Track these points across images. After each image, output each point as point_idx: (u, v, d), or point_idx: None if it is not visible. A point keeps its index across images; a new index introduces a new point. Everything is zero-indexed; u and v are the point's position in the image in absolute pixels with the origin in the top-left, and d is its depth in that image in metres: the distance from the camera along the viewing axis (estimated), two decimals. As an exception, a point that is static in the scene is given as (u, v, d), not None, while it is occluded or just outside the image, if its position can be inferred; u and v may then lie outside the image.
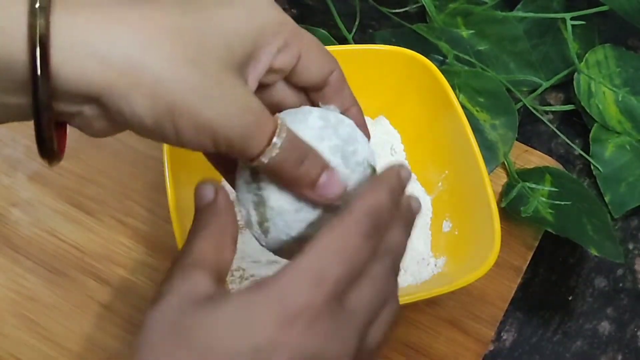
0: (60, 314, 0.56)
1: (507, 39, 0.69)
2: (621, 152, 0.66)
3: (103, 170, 0.61)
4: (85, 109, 0.36)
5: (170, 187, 0.52)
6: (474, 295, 0.58)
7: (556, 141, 0.68)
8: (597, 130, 0.67)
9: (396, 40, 0.69)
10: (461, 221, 0.56)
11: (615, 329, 0.60)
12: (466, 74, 0.65)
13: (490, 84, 0.65)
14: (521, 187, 0.61)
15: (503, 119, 0.64)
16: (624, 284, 0.62)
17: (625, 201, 0.64)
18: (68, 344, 0.55)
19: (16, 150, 0.62)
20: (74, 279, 0.57)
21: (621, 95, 0.67)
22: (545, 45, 0.71)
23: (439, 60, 0.68)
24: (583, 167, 0.67)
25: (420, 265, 0.56)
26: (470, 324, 0.57)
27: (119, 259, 0.58)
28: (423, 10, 0.71)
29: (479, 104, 0.64)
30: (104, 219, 0.59)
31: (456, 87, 0.64)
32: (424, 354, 0.56)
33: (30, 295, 0.56)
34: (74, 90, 0.34)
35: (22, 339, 0.54)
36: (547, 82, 0.69)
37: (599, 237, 0.59)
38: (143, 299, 0.56)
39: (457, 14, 0.71)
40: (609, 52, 0.69)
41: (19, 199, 0.60)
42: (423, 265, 0.56)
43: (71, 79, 0.34)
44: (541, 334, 0.60)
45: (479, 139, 0.62)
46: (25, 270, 0.57)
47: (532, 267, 0.61)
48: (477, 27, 0.70)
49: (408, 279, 0.55)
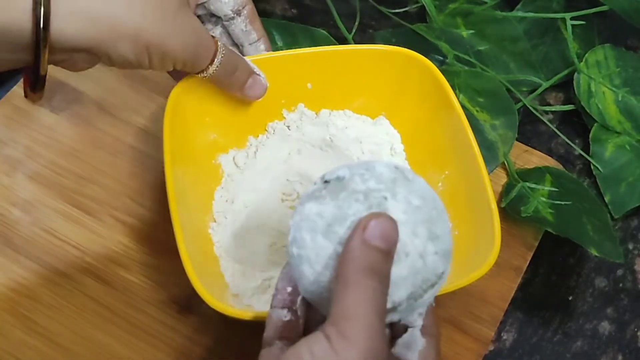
0: (60, 314, 0.55)
1: (507, 39, 0.69)
2: (621, 152, 0.66)
3: (103, 170, 0.61)
4: (75, 56, 0.47)
5: (170, 187, 0.52)
6: (474, 295, 0.58)
7: (556, 141, 0.68)
8: (597, 130, 0.67)
9: (396, 40, 0.69)
10: (461, 221, 0.55)
11: (615, 329, 0.60)
12: (466, 74, 0.65)
13: (490, 84, 0.65)
14: (521, 187, 0.61)
15: (503, 119, 0.64)
16: (624, 284, 0.62)
17: (625, 201, 0.64)
18: (68, 344, 0.54)
19: (16, 150, 0.62)
20: (74, 279, 0.57)
21: (621, 95, 0.67)
22: (545, 45, 0.71)
23: (439, 60, 0.68)
24: (583, 167, 0.67)
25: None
26: (470, 324, 0.57)
27: (119, 259, 0.58)
28: (423, 10, 0.72)
29: (479, 104, 0.64)
30: (104, 219, 0.59)
31: (456, 87, 0.64)
32: (424, 354, 0.56)
33: (30, 295, 0.56)
34: (70, 45, 0.45)
35: (22, 339, 0.54)
36: (547, 82, 0.69)
37: (599, 237, 0.59)
38: (143, 299, 0.56)
39: (457, 14, 0.71)
40: (609, 52, 0.69)
41: (19, 199, 0.60)
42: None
43: (69, 39, 0.45)
44: (541, 334, 0.60)
45: (479, 139, 0.62)
46: (25, 270, 0.57)
47: (532, 267, 0.61)
48: (477, 27, 0.70)
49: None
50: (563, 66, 0.70)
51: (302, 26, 0.68)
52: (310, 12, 0.73)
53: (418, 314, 0.42)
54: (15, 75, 0.67)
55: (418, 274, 0.40)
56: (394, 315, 0.41)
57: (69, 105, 0.64)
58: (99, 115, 0.64)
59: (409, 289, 0.40)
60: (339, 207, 0.40)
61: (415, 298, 0.41)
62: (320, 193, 0.41)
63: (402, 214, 0.40)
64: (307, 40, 0.67)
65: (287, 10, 0.73)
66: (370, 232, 0.38)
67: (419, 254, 0.40)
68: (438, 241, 0.41)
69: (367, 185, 0.41)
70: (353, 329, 0.37)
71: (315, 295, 0.41)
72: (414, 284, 0.40)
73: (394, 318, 0.41)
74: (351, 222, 0.39)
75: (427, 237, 0.40)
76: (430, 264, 0.40)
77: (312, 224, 0.40)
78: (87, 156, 0.62)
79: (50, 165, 0.62)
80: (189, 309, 0.56)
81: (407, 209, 0.40)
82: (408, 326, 0.42)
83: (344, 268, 0.38)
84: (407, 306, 0.40)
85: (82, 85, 0.65)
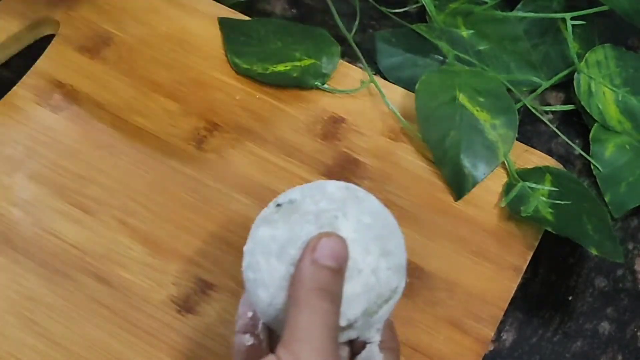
0: (60, 314, 0.56)
1: (507, 39, 0.69)
2: (621, 152, 0.66)
3: (103, 170, 0.61)
4: None
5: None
6: (474, 295, 0.58)
7: (556, 141, 0.68)
8: (597, 130, 0.67)
9: (396, 40, 0.69)
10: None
11: (615, 329, 0.60)
12: (466, 73, 0.65)
13: (490, 83, 0.65)
14: (521, 186, 0.61)
15: (503, 119, 0.64)
16: (624, 284, 0.62)
17: (625, 201, 0.64)
18: (68, 344, 0.55)
19: (16, 150, 0.62)
20: (74, 279, 0.57)
21: (621, 95, 0.67)
22: (545, 45, 0.71)
23: (439, 60, 0.68)
24: (583, 167, 0.67)
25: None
26: (470, 324, 0.57)
27: (119, 259, 0.58)
28: (423, 10, 0.71)
29: (479, 103, 0.64)
30: (104, 219, 0.59)
31: (456, 87, 0.64)
32: (424, 354, 0.56)
33: (30, 295, 0.56)
34: None
35: (22, 339, 0.54)
36: (547, 82, 0.69)
37: (599, 237, 0.59)
38: (143, 299, 0.56)
39: (457, 14, 0.71)
40: (609, 52, 0.69)
41: (19, 199, 0.60)
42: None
43: None
44: (541, 334, 0.60)
45: (479, 139, 0.62)
46: (25, 270, 0.57)
47: (532, 267, 0.61)
48: (477, 27, 0.70)
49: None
50: (563, 66, 0.70)
51: (302, 26, 0.68)
52: (310, 12, 0.73)
53: (375, 329, 0.43)
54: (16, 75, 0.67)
55: (372, 290, 0.41)
56: (351, 333, 0.41)
57: (68, 105, 0.64)
58: (99, 115, 0.64)
59: (363, 306, 0.41)
60: (291, 229, 0.41)
61: (371, 314, 0.41)
62: (273, 217, 0.42)
63: (353, 232, 0.41)
64: (307, 40, 0.67)
65: (287, 10, 0.73)
66: (319, 252, 0.39)
67: (372, 270, 0.41)
68: (390, 257, 0.42)
69: (318, 207, 0.42)
70: (304, 351, 0.37)
71: (272, 318, 0.41)
72: (368, 300, 0.41)
73: (351, 335, 0.42)
74: (302, 242, 0.40)
75: (380, 254, 0.41)
76: (384, 280, 0.41)
77: (266, 248, 0.41)
78: (87, 156, 0.62)
79: (50, 165, 0.62)
80: (189, 309, 0.56)
81: (357, 227, 0.41)
82: (366, 342, 0.43)
83: (294, 289, 0.39)
84: (363, 323, 0.41)
85: (82, 86, 0.65)
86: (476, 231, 0.60)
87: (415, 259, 0.59)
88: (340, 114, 0.65)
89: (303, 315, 0.38)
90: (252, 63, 0.66)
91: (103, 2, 0.68)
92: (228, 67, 0.66)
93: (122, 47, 0.66)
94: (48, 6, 0.67)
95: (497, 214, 0.61)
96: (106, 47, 0.66)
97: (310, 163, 0.62)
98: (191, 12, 0.68)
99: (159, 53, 0.66)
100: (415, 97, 0.64)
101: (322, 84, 0.65)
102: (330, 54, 0.66)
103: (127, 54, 0.66)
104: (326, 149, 0.63)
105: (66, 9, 0.67)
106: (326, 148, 0.63)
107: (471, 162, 0.62)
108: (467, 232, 0.60)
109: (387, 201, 0.60)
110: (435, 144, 0.63)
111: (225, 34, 0.67)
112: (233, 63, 0.66)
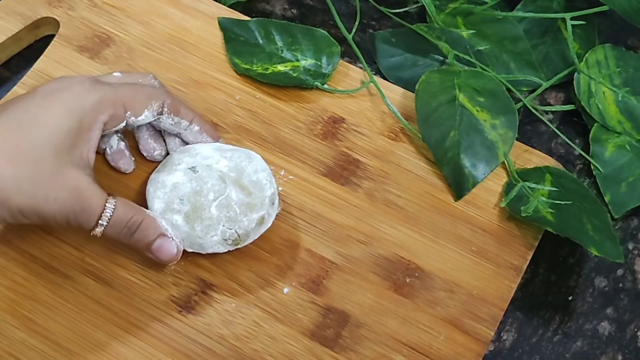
0: (60, 314, 0.55)
1: (507, 39, 0.69)
2: (621, 152, 0.66)
3: (103, 170, 0.61)
4: None
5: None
6: (474, 295, 0.58)
7: (556, 141, 0.68)
8: (597, 130, 0.67)
9: (396, 40, 0.69)
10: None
11: (615, 329, 0.60)
12: (466, 73, 0.65)
13: (490, 83, 0.65)
14: (521, 186, 0.61)
15: (503, 119, 0.64)
16: (624, 284, 0.62)
17: (625, 201, 0.64)
18: (68, 344, 0.55)
19: (16, 150, 0.62)
20: (74, 279, 0.57)
21: (621, 95, 0.67)
22: (545, 45, 0.71)
23: (439, 60, 0.68)
24: (583, 167, 0.67)
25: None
26: (470, 324, 0.57)
27: (119, 259, 0.58)
28: (423, 10, 0.72)
29: (479, 103, 0.64)
30: (104, 219, 0.59)
31: (456, 87, 0.64)
32: (424, 354, 0.56)
33: (30, 295, 0.56)
34: None
35: (22, 339, 0.54)
36: (547, 82, 0.69)
37: (599, 237, 0.59)
38: (143, 299, 0.56)
39: (457, 14, 0.71)
40: (609, 52, 0.69)
41: (19, 199, 0.60)
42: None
43: None
44: (541, 334, 0.60)
45: (479, 139, 0.62)
46: (25, 270, 0.57)
47: (532, 267, 0.61)
48: (477, 27, 0.70)
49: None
50: (563, 66, 0.70)
51: (302, 26, 0.68)
52: (310, 12, 0.73)
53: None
54: (16, 75, 0.67)
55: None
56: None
57: (69, 105, 0.64)
58: (99, 115, 0.64)
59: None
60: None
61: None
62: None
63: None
64: (307, 40, 0.67)
65: (287, 10, 0.73)
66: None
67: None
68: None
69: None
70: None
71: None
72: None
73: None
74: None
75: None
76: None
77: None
78: (87, 156, 0.62)
79: (50, 165, 0.61)
80: (189, 309, 0.56)
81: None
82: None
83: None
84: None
85: (82, 85, 0.65)
86: (476, 231, 0.60)
87: (415, 259, 0.59)
88: (340, 114, 0.65)
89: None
90: (252, 63, 0.66)
91: (103, 2, 0.68)
92: (228, 67, 0.66)
93: (122, 47, 0.66)
94: (48, 6, 0.67)
95: (497, 214, 0.61)
96: (106, 47, 0.66)
97: (310, 163, 0.62)
98: (191, 12, 0.68)
99: (159, 53, 0.66)
100: (415, 97, 0.64)
101: (322, 84, 0.65)
102: (330, 54, 0.66)
103: (127, 54, 0.66)
104: (326, 149, 0.63)
105: (66, 9, 0.67)
106: (326, 148, 0.63)
107: (471, 162, 0.62)
108: (467, 232, 0.60)
109: (387, 201, 0.61)
110: (435, 144, 0.63)
111: (225, 34, 0.67)
112: (233, 63, 0.66)
